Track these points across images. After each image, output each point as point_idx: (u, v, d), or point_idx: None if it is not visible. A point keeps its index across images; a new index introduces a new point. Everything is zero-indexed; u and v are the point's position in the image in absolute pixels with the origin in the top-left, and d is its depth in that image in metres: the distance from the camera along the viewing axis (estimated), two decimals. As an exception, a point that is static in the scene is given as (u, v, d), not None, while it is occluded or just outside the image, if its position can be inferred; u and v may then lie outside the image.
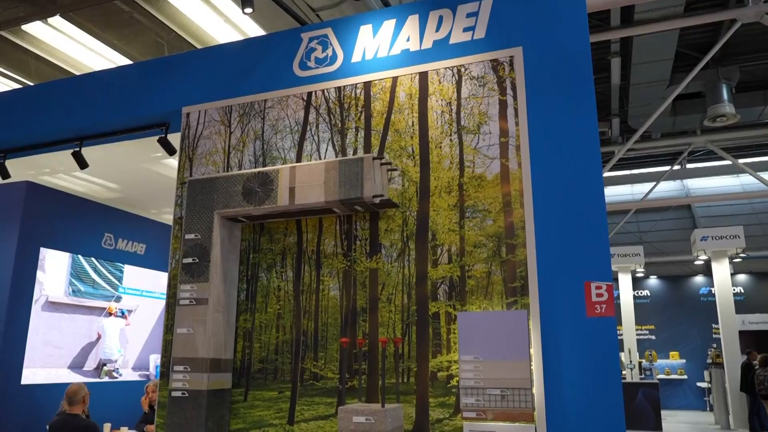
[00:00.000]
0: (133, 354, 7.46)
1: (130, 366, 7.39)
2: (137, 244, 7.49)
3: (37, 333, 6.14)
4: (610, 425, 2.73)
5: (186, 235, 3.50)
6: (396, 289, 3.23)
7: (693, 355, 16.53)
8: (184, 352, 3.32)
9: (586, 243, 2.94)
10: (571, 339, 2.87)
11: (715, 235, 12.78)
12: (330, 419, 3.21)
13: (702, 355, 15.85)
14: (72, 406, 4.87)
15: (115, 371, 7.12)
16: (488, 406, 2.90)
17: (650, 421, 11.23)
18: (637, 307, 16.27)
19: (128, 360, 7.37)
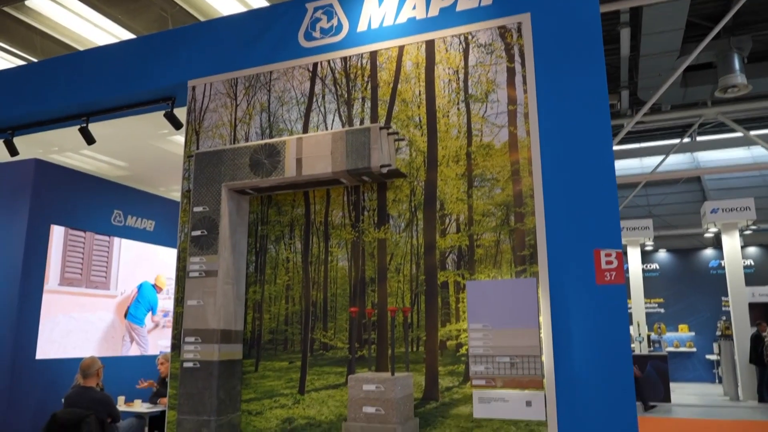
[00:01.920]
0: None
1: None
2: (146, 220, 7.53)
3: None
4: (619, 391, 2.74)
5: (194, 208, 3.51)
6: (404, 259, 3.23)
7: (702, 328, 16.52)
8: (194, 323, 3.35)
9: (596, 210, 2.92)
10: (580, 306, 2.86)
11: (725, 208, 12.67)
12: (340, 388, 3.24)
13: (711, 328, 15.85)
14: (86, 379, 4.95)
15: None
16: (497, 374, 2.92)
17: (659, 393, 11.28)
18: (646, 281, 16.24)
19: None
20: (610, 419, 2.73)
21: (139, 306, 7.31)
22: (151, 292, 7.50)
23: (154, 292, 7.52)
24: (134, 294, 7.32)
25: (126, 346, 7.12)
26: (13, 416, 5.73)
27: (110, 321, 6.99)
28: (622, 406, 2.72)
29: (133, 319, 7.22)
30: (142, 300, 7.35)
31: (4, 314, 5.92)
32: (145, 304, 7.37)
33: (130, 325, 7.17)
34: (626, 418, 2.71)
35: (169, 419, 3.59)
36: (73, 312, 6.49)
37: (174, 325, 3.72)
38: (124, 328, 7.16)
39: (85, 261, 6.68)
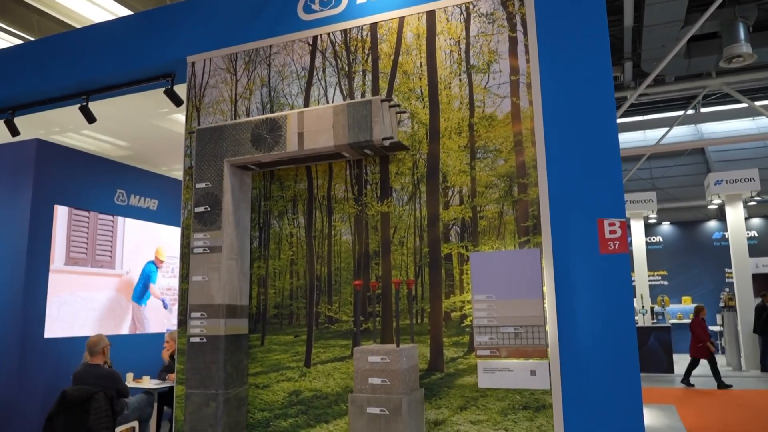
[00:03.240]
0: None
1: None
2: (150, 199, 7.54)
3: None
4: (623, 359, 2.76)
5: (197, 184, 3.51)
6: (408, 232, 3.24)
7: (705, 299, 16.57)
8: (200, 299, 3.37)
9: (599, 179, 2.90)
10: (584, 276, 2.87)
11: (729, 179, 12.63)
12: (346, 361, 3.27)
13: (714, 300, 15.90)
14: (93, 357, 5.00)
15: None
16: (502, 344, 2.93)
17: (662, 364, 11.37)
18: (649, 254, 16.27)
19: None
20: (614, 387, 2.75)
21: (138, 285, 7.35)
22: (148, 266, 7.51)
23: (150, 265, 7.53)
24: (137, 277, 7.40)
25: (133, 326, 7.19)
26: (23, 394, 5.80)
27: (117, 299, 7.03)
28: (626, 375, 2.74)
29: (136, 299, 7.27)
30: (141, 277, 7.39)
31: (12, 294, 5.97)
32: (143, 280, 7.40)
33: (134, 305, 7.23)
34: (630, 386, 2.74)
35: (177, 394, 3.63)
36: (80, 291, 6.53)
37: (180, 301, 3.74)
38: (129, 305, 7.22)
39: (90, 240, 6.70)
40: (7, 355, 5.87)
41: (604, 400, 2.76)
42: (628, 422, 2.71)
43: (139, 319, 7.27)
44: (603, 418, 2.75)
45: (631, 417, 2.72)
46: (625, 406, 2.73)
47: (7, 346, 5.89)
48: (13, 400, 5.76)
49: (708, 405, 8.20)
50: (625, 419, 2.72)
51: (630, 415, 2.72)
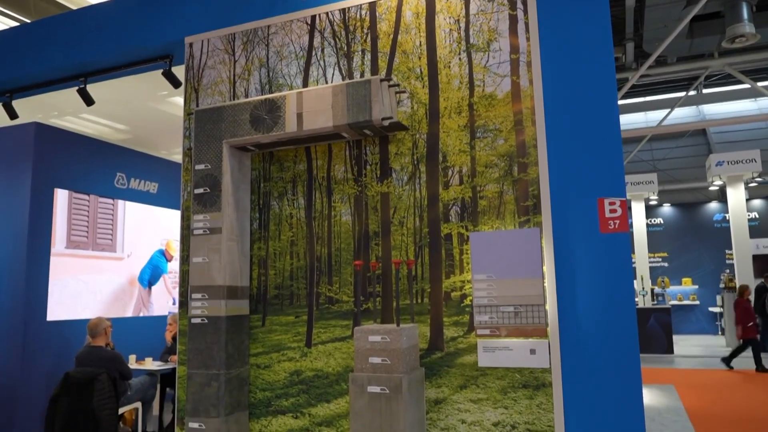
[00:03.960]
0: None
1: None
2: (149, 183, 7.53)
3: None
4: (623, 338, 2.77)
5: (196, 165, 3.50)
6: (408, 212, 3.23)
7: (705, 281, 16.62)
8: (200, 280, 3.38)
9: (599, 158, 2.89)
10: (584, 255, 2.87)
11: (730, 160, 12.59)
12: (346, 341, 3.29)
13: (714, 281, 15.94)
14: (95, 339, 5.03)
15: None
16: (502, 323, 2.95)
17: (662, 345, 11.43)
18: (650, 235, 16.28)
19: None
20: (614, 366, 2.76)
21: (144, 269, 7.38)
22: (159, 258, 7.56)
23: (160, 258, 7.58)
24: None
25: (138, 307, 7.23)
26: (27, 376, 5.85)
27: (119, 282, 7.06)
28: (626, 354, 2.75)
29: (141, 281, 7.30)
30: (148, 264, 7.43)
31: (14, 277, 5.99)
32: (149, 267, 7.44)
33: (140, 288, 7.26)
34: (630, 364, 2.75)
35: (179, 374, 3.66)
36: (81, 275, 6.55)
37: (181, 283, 3.75)
38: (132, 289, 7.24)
39: (91, 224, 6.71)
40: (10, 338, 5.91)
41: (604, 379, 2.77)
42: (627, 401, 2.73)
43: (146, 301, 7.31)
44: (602, 397, 2.76)
45: (630, 396, 2.73)
46: (625, 385, 2.74)
47: (10, 329, 5.92)
48: (16, 383, 5.80)
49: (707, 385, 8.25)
50: (624, 398, 2.73)
51: (629, 394, 2.73)
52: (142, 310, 7.31)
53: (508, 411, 2.89)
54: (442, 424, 2.99)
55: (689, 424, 5.73)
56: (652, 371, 9.40)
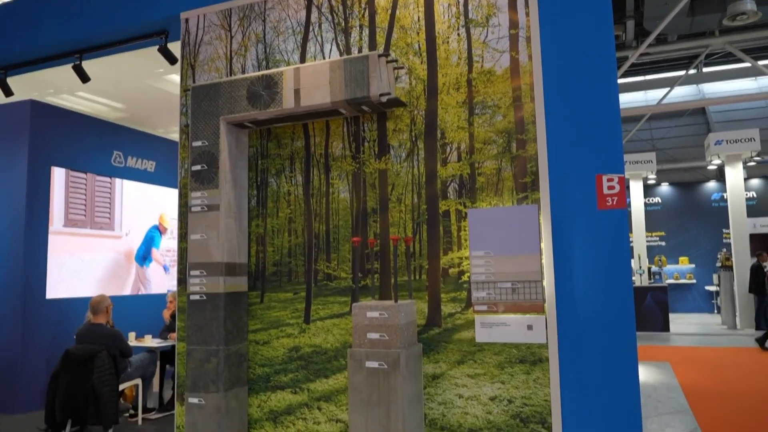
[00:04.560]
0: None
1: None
2: (147, 161, 7.51)
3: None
4: (619, 314, 2.78)
5: (193, 142, 3.48)
6: (406, 189, 3.23)
7: (702, 260, 16.69)
8: (199, 257, 3.38)
9: (598, 135, 2.88)
10: (582, 232, 2.88)
11: (729, 139, 12.56)
12: (345, 317, 3.31)
13: (711, 260, 16.00)
14: (95, 316, 5.05)
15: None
16: (499, 299, 2.96)
17: (658, 323, 11.52)
18: (648, 215, 16.30)
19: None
20: (610, 342, 2.78)
21: (140, 247, 7.40)
22: (152, 232, 7.57)
23: (153, 232, 7.58)
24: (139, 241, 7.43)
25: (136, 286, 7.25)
26: (28, 353, 5.89)
27: (116, 260, 7.07)
28: (622, 330, 2.77)
29: (139, 261, 7.32)
30: (144, 241, 7.43)
31: (12, 256, 5.99)
32: (144, 244, 7.45)
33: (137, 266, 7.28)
34: (626, 340, 2.77)
35: (179, 351, 3.68)
36: (80, 253, 6.56)
37: (179, 260, 3.76)
38: (130, 266, 7.26)
39: (88, 202, 6.70)
40: (10, 316, 5.93)
41: (600, 355, 2.79)
42: (623, 377, 2.75)
43: (143, 279, 7.33)
44: (598, 373, 2.79)
45: (626, 372, 2.75)
46: (621, 360, 2.76)
47: (10, 307, 5.95)
48: (18, 359, 5.84)
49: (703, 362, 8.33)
50: (620, 374, 2.76)
51: (625, 370, 2.76)
52: (141, 288, 7.34)
53: (504, 386, 2.91)
54: (440, 399, 3.02)
55: (684, 400, 5.80)
56: (648, 349, 9.48)
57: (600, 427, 2.76)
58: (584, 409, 2.79)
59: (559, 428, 2.80)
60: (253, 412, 3.45)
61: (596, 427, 2.76)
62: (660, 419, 5.02)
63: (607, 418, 2.75)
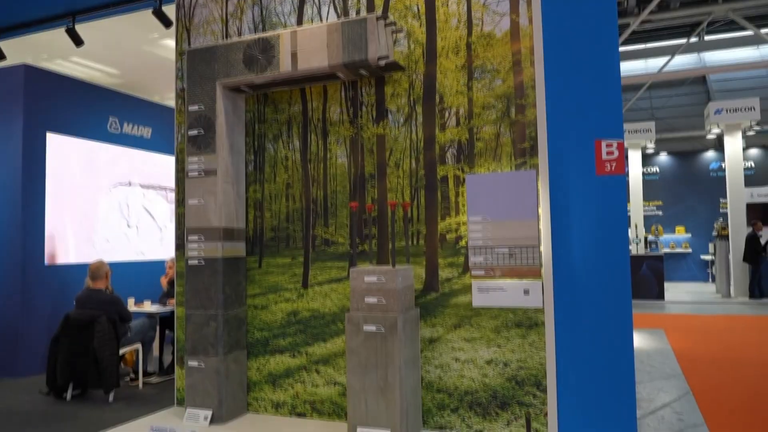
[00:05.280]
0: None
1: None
2: (143, 127, 7.45)
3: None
4: (615, 280, 2.80)
5: (189, 106, 3.45)
6: (404, 154, 3.22)
7: (698, 229, 16.76)
8: (197, 222, 3.38)
9: (598, 100, 2.86)
10: (580, 197, 2.88)
11: (729, 108, 12.48)
12: (342, 282, 3.32)
13: (707, 230, 16.07)
14: (95, 281, 5.08)
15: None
16: (496, 264, 2.98)
17: (653, 291, 11.63)
18: (646, 184, 16.30)
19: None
20: (606, 307, 2.81)
21: None
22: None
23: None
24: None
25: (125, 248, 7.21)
26: (28, 319, 5.93)
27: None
28: (618, 295, 2.79)
29: None
30: None
31: (10, 223, 5.99)
32: None
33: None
34: (621, 305, 2.79)
35: (178, 315, 3.71)
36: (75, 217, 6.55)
37: (177, 225, 3.76)
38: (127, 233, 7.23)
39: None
40: (9, 282, 5.96)
41: (596, 319, 2.82)
42: (617, 342, 2.78)
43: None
44: (593, 337, 2.82)
45: (620, 336, 2.78)
46: (616, 325, 2.79)
47: (9, 273, 5.97)
48: (18, 324, 5.89)
49: (696, 329, 8.43)
50: (614, 338, 2.79)
51: (620, 334, 2.78)
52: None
53: (501, 349, 2.95)
54: (436, 362, 3.06)
55: (676, 365, 5.89)
56: (642, 316, 9.58)
57: (594, 390, 2.80)
58: (579, 373, 2.83)
59: (554, 391, 2.85)
60: (252, 375, 3.50)
61: (590, 390, 2.81)
62: (653, 384, 5.10)
63: (602, 382, 2.79)
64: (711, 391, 4.82)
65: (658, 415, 4.02)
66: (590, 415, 2.79)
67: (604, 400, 2.78)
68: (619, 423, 2.75)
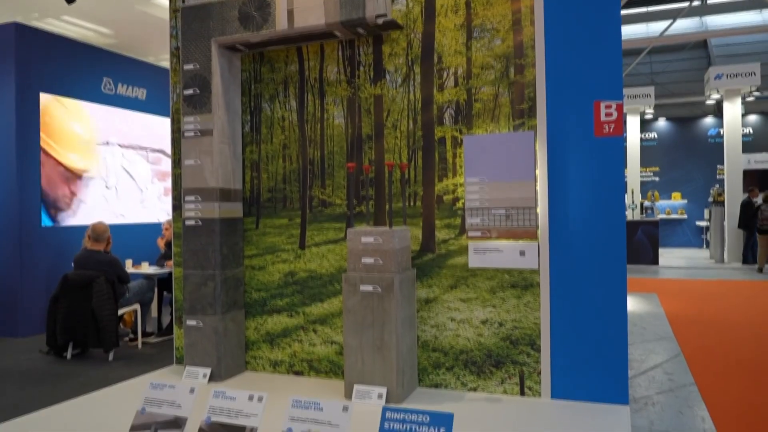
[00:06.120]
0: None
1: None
2: (137, 89, 7.35)
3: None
4: (610, 242, 2.82)
5: (184, 65, 3.40)
6: (401, 115, 3.20)
7: (695, 195, 16.79)
8: (193, 182, 3.37)
9: (598, 60, 2.83)
10: (577, 159, 2.87)
11: (730, 73, 12.37)
12: (339, 243, 3.34)
13: (704, 196, 16.09)
14: (95, 243, 5.08)
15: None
16: (492, 226, 2.99)
17: (648, 256, 11.71)
18: (643, 150, 16.25)
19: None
20: (600, 269, 2.83)
21: None
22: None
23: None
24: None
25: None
26: (26, 279, 5.96)
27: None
28: (613, 256, 2.82)
29: None
30: None
31: (5, 184, 5.96)
32: None
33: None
34: (616, 267, 2.82)
35: (176, 275, 3.73)
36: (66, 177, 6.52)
37: (173, 186, 3.75)
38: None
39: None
40: (7, 243, 5.97)
41: (590, 280, 2.85)
42: (611, 301, 2.82)
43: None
44: (588, 298, 2.85)
45: (614, 296, 2.81)
46: (610, 285, 2.82)
47: (6, 234, 5.97)
48: (17, 285, 5.92)
49: (689, 293, 8.53)
50: (608, 299, 2.82)
51: (614, 294, 2.81)
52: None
53: (496, 309, 2.98)
54: (432, 322, 3.10)
55: (668, 328, 5.96)
56: (636, 281, 9.67)
57: (587, 350, 2.84)
58: (572, 333, 2.87)
59: (548, 350, 2.89)
60: (250, 335, 3.54)
61: (584, 349, 2.85)
62: (645, 345, 5.18)
63: (595, 342, 2.83)
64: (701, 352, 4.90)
65: (649, 375, 4.09)
66: (583, 375, 2.85)
67: (596, 359, 2.83)
68: (610, 382, 2.80)
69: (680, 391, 3.75)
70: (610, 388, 2.79)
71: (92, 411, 2.85)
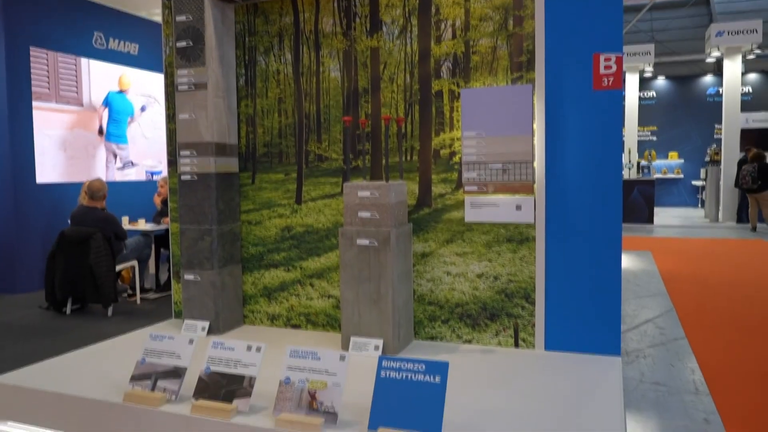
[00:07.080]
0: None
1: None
2: (129, 43, 7.22)
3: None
4: (607, 198, 2.82)
5: (177, 17, 3.33)
6: (398, 68, 3.15)
7: (691, 155, 16.78)
8: (188, 137, 3.35)
9: (598, 12, 2.78)
10: (575, 113, 2.85)
11: (731, 30, 12.21)
12: (336, 198, 3.34)
13: (700, 156, 16.09)
14: (92, 200, 5.07)
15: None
16: (489, 180, 2.98)
17: (643, 215, 11.78)
18: (641, 108, 16.16)
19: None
20: (596, 224, 2.84)
21: (118, 123, 7.14)
22: (122, 100, 7.28)
23: (125, 99, 7.30)
24: (103, 112, 6.94)
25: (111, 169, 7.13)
26: (23, 236, 5.97)
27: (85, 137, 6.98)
28: (608, 213, 2.82)
29: (117, 138, 7.14)
30: (117, 115, 7.12)
31: (-2, 141, 5.91)
32: (123, 117, 7.19)
33: (116, 146, 7.13)
34: (611, 224, 2.82)
35: (172, 231, 3.74)
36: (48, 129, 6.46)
37: (168, 141, 3.72)
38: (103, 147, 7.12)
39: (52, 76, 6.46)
40: (2, 201, 5.95)
41: (586, 235, 2.86)
42: (606, 256, 2.84)
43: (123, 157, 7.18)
44: (583, 253, 2.87)
45: (609, 251, 2.83)
46: (605, 240, 2.83)
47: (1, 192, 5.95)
48: (14, 242, 5.93)
49: (682, 252, 8.61)
50: (603, 254, 2.84)
51: (609, 249, 2.83)
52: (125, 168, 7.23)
53: (491, 264, 3.01)
54: (428, 276, 3.12)
55: (661, 285, 6.05)
56: (631, 239, 9.74)
57: (581, 304, 2.88)
58: (567, 287, 2.90)
59: (542, 303, 2.93)
60: (248, 289, 3.57)
61: (578, 303, 2.88)
62: (638, 301, 5.25)
63: (589, 296, 2.87)
64: (693, 308, 4.98)
65: (641, 330, 4.17)
66: (576, 328, 2.89)
67: (590, 313, 2.87)
68: (603, 333, 2.85)
69: (671, 344, 3.82)
70: (603, 340, 2.84)
71: (93, 362, 2.89)
